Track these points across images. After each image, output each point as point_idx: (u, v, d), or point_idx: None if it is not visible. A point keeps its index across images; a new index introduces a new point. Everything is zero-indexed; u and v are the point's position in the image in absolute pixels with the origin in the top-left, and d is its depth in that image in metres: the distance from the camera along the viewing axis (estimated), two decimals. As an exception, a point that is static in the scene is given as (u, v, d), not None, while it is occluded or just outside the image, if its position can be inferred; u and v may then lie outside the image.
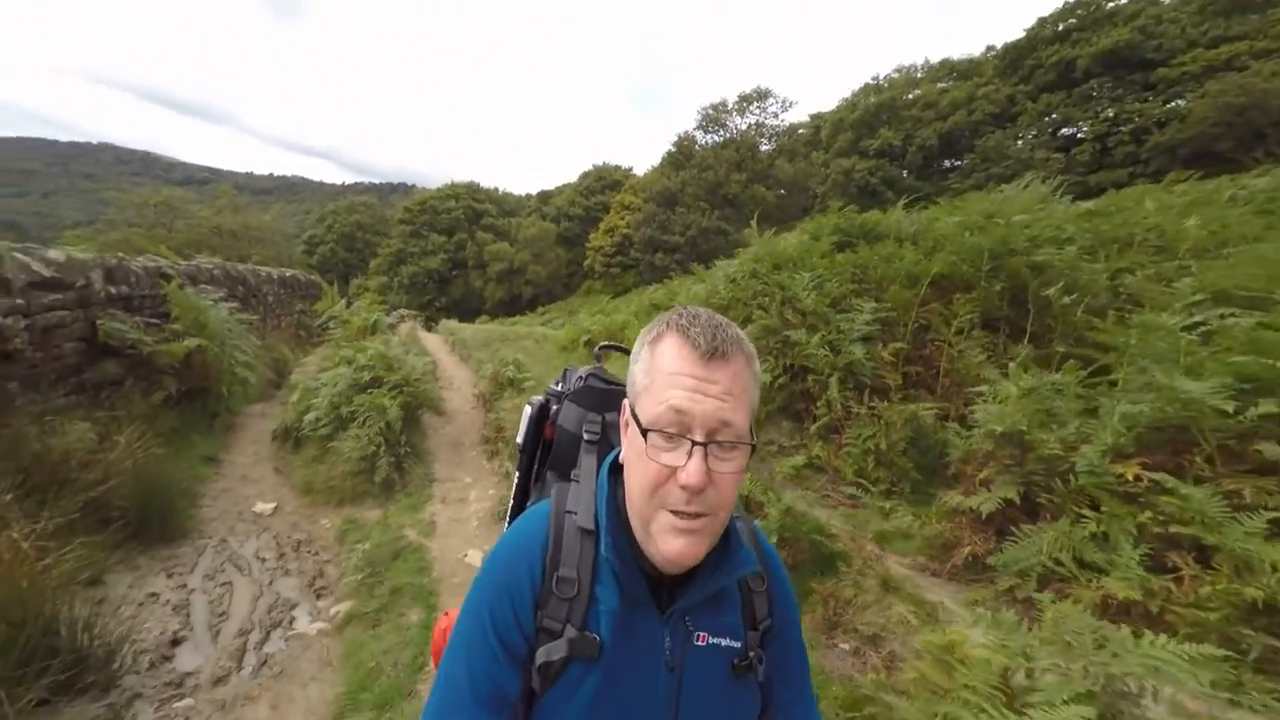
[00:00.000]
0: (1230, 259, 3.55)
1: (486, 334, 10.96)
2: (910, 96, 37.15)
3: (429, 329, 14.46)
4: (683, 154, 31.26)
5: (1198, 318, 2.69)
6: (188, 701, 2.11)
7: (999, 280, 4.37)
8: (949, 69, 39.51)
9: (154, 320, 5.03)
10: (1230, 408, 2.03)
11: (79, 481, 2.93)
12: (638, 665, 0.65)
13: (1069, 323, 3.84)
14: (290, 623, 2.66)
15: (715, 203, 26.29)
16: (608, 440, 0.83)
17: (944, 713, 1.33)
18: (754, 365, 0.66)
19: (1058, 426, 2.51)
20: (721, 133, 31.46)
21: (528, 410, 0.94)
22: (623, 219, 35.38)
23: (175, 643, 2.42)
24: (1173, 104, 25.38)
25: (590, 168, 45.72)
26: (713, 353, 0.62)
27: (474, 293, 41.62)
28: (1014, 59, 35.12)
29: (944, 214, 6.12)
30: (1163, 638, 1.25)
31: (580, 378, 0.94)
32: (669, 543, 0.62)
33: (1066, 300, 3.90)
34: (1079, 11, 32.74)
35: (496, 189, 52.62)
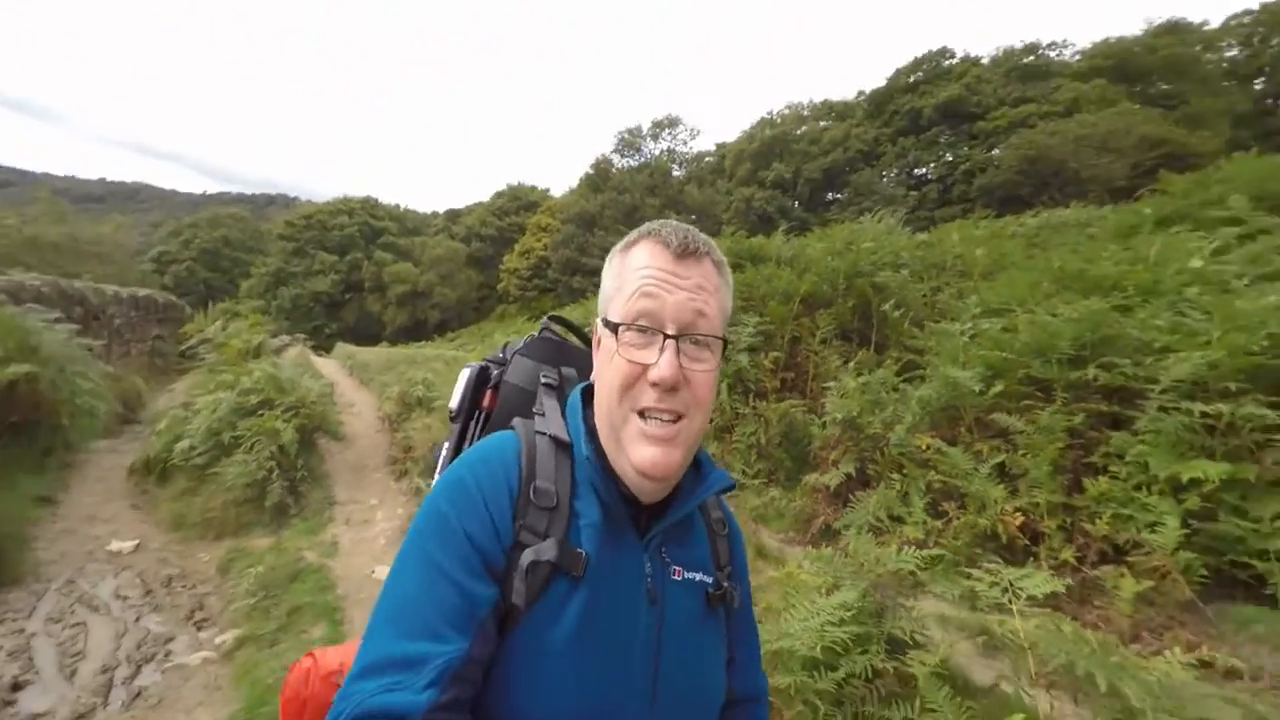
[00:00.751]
0: (998, 280, 4.65)
1: (389, 357, 10.45)
2: (799, 132, 41.54)
3: (320, 354, 13.33)
4: (600, 176, 31.82)
5: (969, 325, 3.56)
6: (46, 745, 1.95)
7: (851, 298, 5.24)
8: (829, 109, 44.74)
9: (-33, 344, 4.29)
10: (978, 388, 2.76)
11: None
12: (621, 593, 0.60)
13: (899, 331, 4.74)
14: (166, 655, 2.50)
15: (632, 225, 27.24)
16: (564, 392, 0.75)
17: (781, 629, 1.74)
18: (725, 273, 0.65)
19: (879, 410, 3.18)
20: (636, 157, 32.72)
21: (465, 374, 0.87)
22: (539, 241, 34.80)
23: (16, 687, 2.20)
24: (992, 152, 31.11)
25: (504, 187, 44.51)
26: (684, 249, 0.61)
27: (371, 317, 38.50)
28: (878, 104, 40.80)
29: (814, 240, 7.14)
30: (910, 550, 1.77)
31: (530, 336, 0.88)
32: (640, 452, 0.58)
33: (896, 314, 4.83)
34: (925, 66, 39.10)
35: (398, 205, 49.52)
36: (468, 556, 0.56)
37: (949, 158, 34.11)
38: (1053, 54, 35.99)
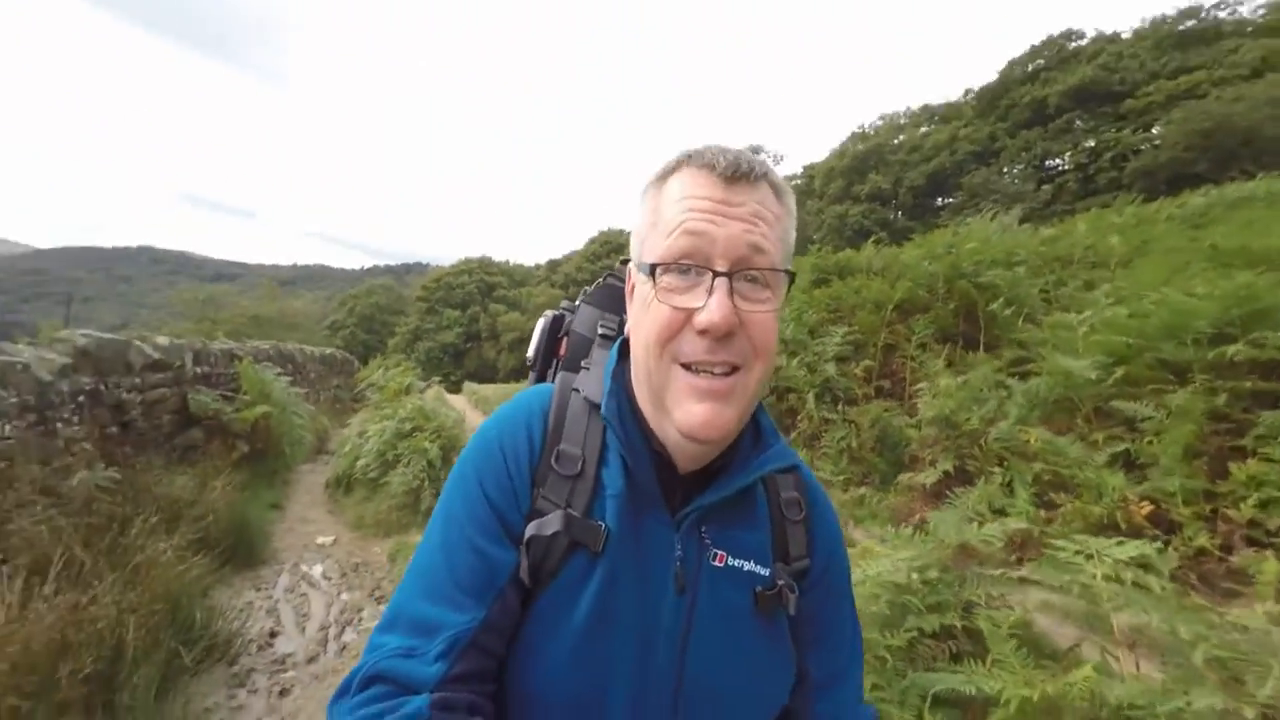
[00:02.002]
0: (1136, 267, 4.13)
1: (505, 392, 11.80)
2: (896, 141, 39.47)
3: (451, 393, 15.48)
4: None
5: (1090, 315, 3.27)
6: (291, 674, 2.67)
7: (952, 300, 4.99)
8: (930, 114, 42.04)
9: (229, 393, 5.90)
10: (1094, 375, 2.57)
11: (187, 517, 3.62)
12: (642, 575, 0.53)
13: (1011, 330, 4.40)
14: (359, 620, 3.21)
15: None
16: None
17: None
18: (788, 199, 0.55)
19: (977, 407, 3.05)
20: None
21: (541, 323, 0.85)
22: None
23: (273, 635, 3.00)
24: (1150, 131, 26.58)
25: (596, 233, 48.15)
26: (735, 171, 0.51)
27: (487, 363, 43.26)
28: (990, 100, 37.35)
29: (911, 249, 6.86)
30: (995, 524, 1.77)
31: (599, 281, 0.81)
32: (689, 411, 0.50)
33: (1007, 312, 4.49)
34: (1045, 53, 35.20)
35: (507, 261, 55.54)
36: (486, 519, 0.53)
37: (1090, 143, 29.78)
38: (1222, 13, 30.40)
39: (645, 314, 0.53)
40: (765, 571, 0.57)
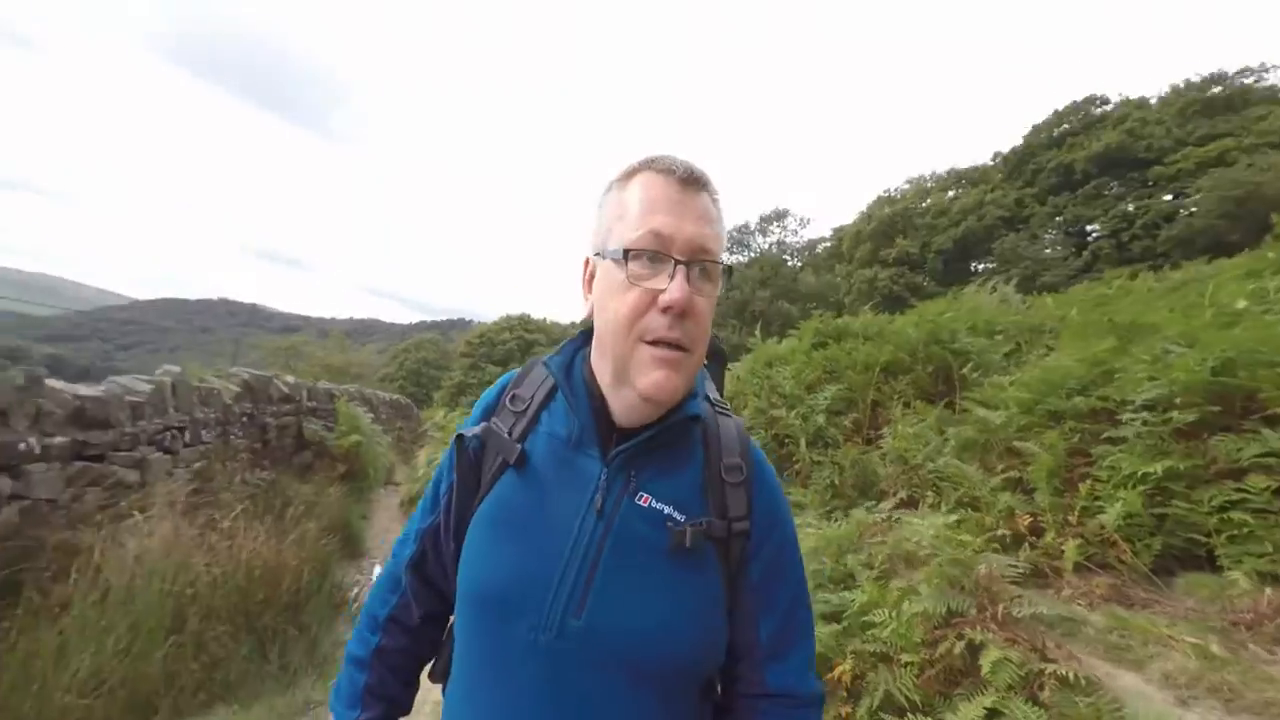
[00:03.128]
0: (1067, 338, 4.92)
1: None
2: (924, 205, 40.43)
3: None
4: None
5: (1017, 375, 4.10)
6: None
7: (931, 363, 5.83)
8: (957, 177, 43.04)
9: (329, 425, 7.27)
10: (999, 421, 3.42)
11: (314, 513, 4.79)
12: (566, 499, 0.64)
13: (977, 389, 5.19)
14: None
15: (743, 320, 28.43)
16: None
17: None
18: (720, 207, 0.67)
19: (924, 446, 3.88)
20: (746, 253, 35.03)
21: None
22: None
23: None
24: (1181, 199, 26.76)
25: None
26: (689, 176, 0.63)
27: (526, 416, 44.80)
28: (1016, 164, 38.27)
29: (903, 318, 7.75)
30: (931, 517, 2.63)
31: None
32: (649, 374, 0.60)
33: (975, 375, 5.30)
34: (1070, 118, 36.21)
35: (545, 319, 58.68)
36: (449, 453, 0.73)
37: (1129, 208, 29.98)
38: (1247, 79, 30.94)
39: (615, 297, 0.62)
40: (681, 516, 0.63)
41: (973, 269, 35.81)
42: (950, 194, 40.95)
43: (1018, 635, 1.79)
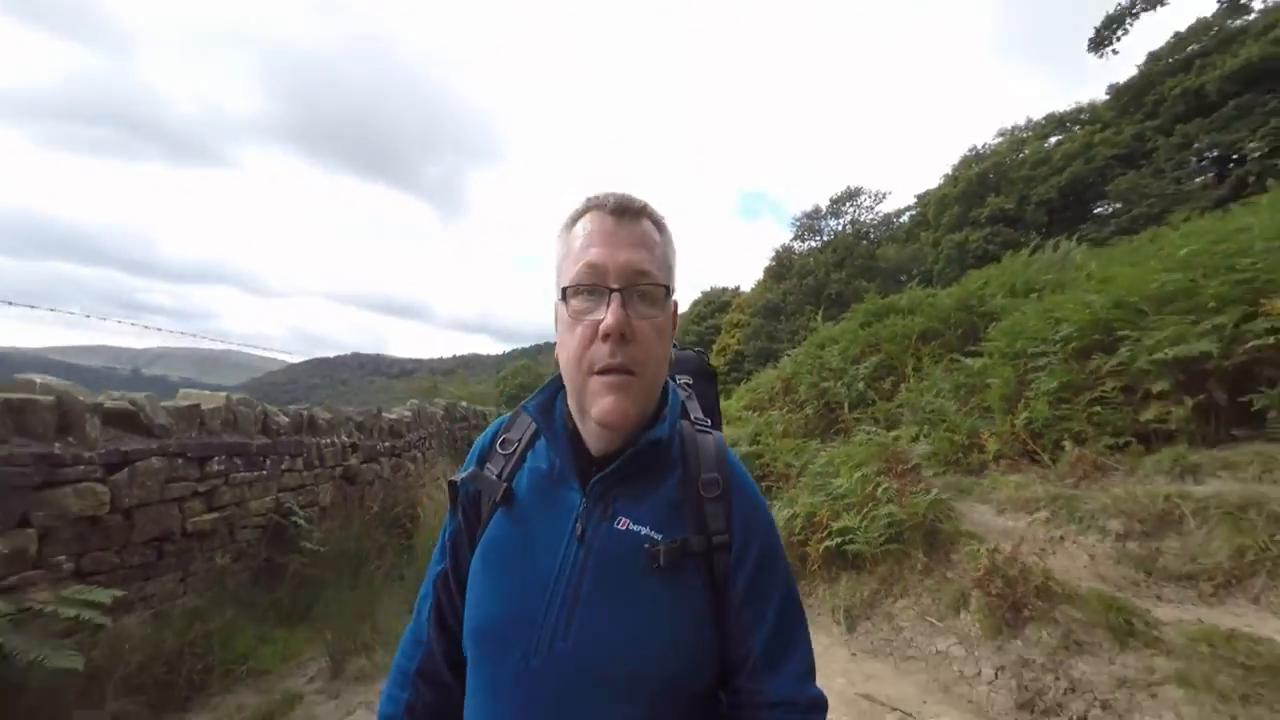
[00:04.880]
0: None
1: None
2: (1020, 157, 36.64)
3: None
4: (782, 266, 33.09)
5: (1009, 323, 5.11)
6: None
7: (960, 327, 6.75)
8: (1058, 121, 38.44)
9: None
10: (976, 366, 4.57)
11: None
12: (550, 529, 0.67)
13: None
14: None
15: (818, 305, 27.61)
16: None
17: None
18: (666, 231, 0.69)
19: (931, 395, 5.07)
20: (818, 238, 33.40)
21: None
22: (733, 337, 35.37)
23: None
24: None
25: (699, 294, 46.17)
26: (620, 208, 0.66)
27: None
28: (1133, 97, 33.66)
29: (953, 288, 8.48)
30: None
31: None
32: (599, 402, 0.63)
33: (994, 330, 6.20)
34: (1201, 36, 31.23)
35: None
36: (454, 497, 0.76)
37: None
38: None
39: (566, 334, 0.66)
40: (657, 535, 0.65)
41: (1089, 214, 32.07)
42: (1052, 140, 36.87)
43: (906, 482, 3.19)
